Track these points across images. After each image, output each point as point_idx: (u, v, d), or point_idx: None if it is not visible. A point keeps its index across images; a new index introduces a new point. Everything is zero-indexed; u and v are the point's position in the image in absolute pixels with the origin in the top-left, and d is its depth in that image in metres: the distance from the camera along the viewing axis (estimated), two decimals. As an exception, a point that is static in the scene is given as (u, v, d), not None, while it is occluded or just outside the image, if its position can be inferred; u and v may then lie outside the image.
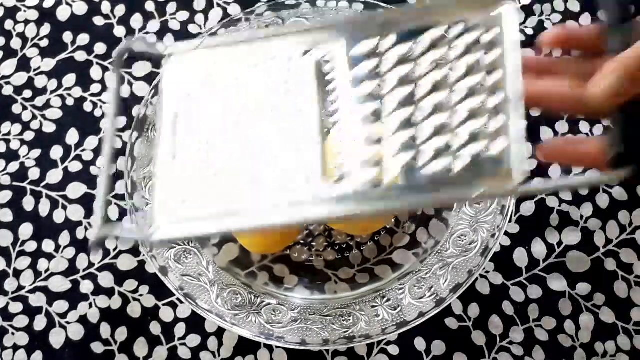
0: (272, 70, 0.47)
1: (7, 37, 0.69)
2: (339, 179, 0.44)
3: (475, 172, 0.42)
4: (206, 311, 0.56)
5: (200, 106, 0.48)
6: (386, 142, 0.44)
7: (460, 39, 0.45)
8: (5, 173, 0.65)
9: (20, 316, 0.60)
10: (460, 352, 0.59)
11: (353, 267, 0.61)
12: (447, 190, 0.42)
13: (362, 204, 0.43)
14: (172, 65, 0.50)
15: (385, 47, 0.46)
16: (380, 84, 0.45)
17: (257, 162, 0.45)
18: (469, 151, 0.42)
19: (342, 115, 0.45)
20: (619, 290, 0.60)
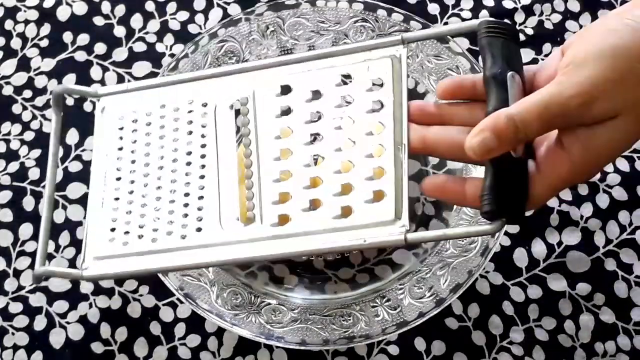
0: (193, 115, 0.51)
1: (7, 37, 0.69)
2: (249, 221, 0.47)
3: (365, 222, 0.45)
4: (206, 311, 0.56)
5: (127, 153, 0.52)
6: (292, 184, 0.47)
7: (354, 87, 0.48)
8: (5, 173, 0.65)
9: (20, 316, 0.60)
10: (460, 352, 0.59)
11: (353, 267, 0.61)
12: (342, 236, 0.45)
13: (269, 246, 0.46)
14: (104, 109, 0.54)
15: (298, 98, 0.49)
16: (291, 129, 0.48)
17: (177, 205, 0.49)
18: (361, 200, 0.45)
19: (256, 158, 0.48)
20: (619, 290, 0.60)
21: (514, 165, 0.42)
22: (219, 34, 0.63)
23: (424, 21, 0.62)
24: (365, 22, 0.63)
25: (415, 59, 0.62)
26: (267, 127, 0.49)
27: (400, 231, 0.44)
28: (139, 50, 0.68)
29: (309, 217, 0.46)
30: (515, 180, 0.42)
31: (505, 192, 0.42)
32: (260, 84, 0.50)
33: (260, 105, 0.50)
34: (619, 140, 0.41)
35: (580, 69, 0.40)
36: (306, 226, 0.46)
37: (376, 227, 0.44)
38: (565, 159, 0.41)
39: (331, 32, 0.63)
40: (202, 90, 0.52)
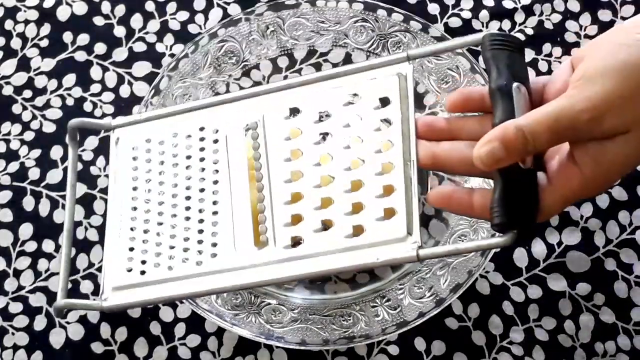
0: (205, 142, 0.52)
1: (7, 37, 0.69)
2: (262, 245, 0.48)
3: (377, 239, 0.45)
4: (206, 311, 0.56)
5: (141, 183, 0.52)
6: (303, 206, 0.47)
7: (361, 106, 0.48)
8: (5, 173, 0.65)
9: (20, 316, 0.60)
10: (460, 352, 0.59)
11: (353, 267, 0.61)
12: (354, 256, 0.45)
13: (282, 269, 0.47)
14: (118, 139, 0.55)
15: (306, 119, 0.49)
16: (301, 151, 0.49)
17: (192, 232, 0.50)
18: (372, 218, 0.45)
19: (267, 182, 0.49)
20: (619, 290, 0.60)
21: (524, 176, 0.42)
22: (219, 34, 0.63)
23: (424, 21, 0.62)
24: (365, 22, 0.63)
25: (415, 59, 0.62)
26: (277, 150, 0.50)
27: (413, 247, 0.44)
28: (139, 50, 0.68)
29: (321, 237, 0.46)
30: (525, 191, 0.42)
31: (515, 204, 0.42)
32: (269, 107, 0.51)
33: (269, 129, 0.50)
34: (629, 155, 0.41)
35: (591, 83, 0.40)
36: (318, 247, 0.46)
37: (388, 244, 0.45)
38: (576, 173, 0.42)
39: (331, 32, 0.63)
40: (213, 117, 0.52)
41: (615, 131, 0.40)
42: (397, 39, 0.63)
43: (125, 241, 0.52)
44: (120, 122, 0.56)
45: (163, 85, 0.62)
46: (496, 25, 0.68)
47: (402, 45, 0.63)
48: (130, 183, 0.53)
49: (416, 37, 0.62)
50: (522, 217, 0.42)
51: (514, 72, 0.44)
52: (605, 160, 0.41)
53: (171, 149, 0.53)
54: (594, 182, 0.42)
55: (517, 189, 0.42)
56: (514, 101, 0.42)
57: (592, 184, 0.42)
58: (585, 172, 0.41)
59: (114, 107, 0.66)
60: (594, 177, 0.42)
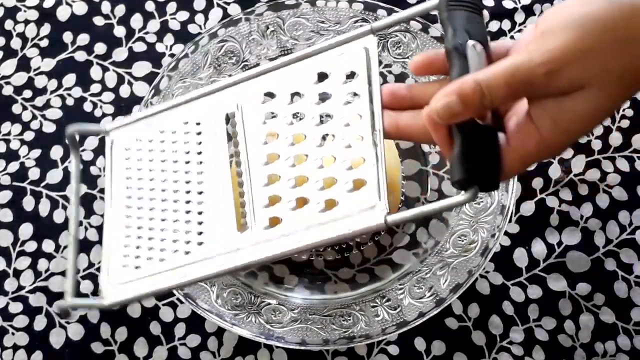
0: (189, 135, 0.53)
1: (7, 37, 0.69)
2: (244, 228, 0.49)
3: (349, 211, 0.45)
4: (206, 311, 0.56)
5: (134, 182, 0.54)
6: (280, 186, 0.49)
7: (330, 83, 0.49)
8: (5, 173, 0.65)
9: (20, 316, 0.60)
10: (460, 352, 0.59)
11: (353, 267, 0.61)
12: (328, 229, 0.46)
13: (262, 250, 0.48)
14: (113, 142, 0.57)
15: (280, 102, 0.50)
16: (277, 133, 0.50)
17: (180, 223, 0.52)
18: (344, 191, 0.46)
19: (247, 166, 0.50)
20: (619, 290, 0.60)
21: (482, 132, 0.42)
22: (219, 34, 0.63)
23: (424, 21, 0.62)
24: (365, 22, 0.63)
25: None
26: (254, 135, 0.51)
27: (381, 215, 0.44)
28: (139, 50, 0.68)
29: (298, 215, 0.48)
30: (485, 147, 0.41)
31: (476, 159, 0.41)
32: (246, 95, 0.52)
33: (247, 116, 0.52)
34: (587, 113, 0.40)
35: (550, 37, 0.40)
36: (295, 225, 0.47)
37: (359, 214, 0.45)
38: (533, 133, 0.41)
39: (331, 32, 0.63)
40: (195, 111, 0.54)
41: (572, 86, 0.39)
42: (397, 39, 0.63)
43: (120, 239, 0.53)
44: (115, 125, 0.57)
45: (163, 85, 0.62)
46: (496, 25, 0.68)
47: (402, 45, 0.63)
48: (124, 183, 0.55)
49: (416, 37, 0.62)
50: (483, 172, 0.41)
51: (470, 31, 0.43)
52: (562, 119, 0.40)
53: (159, 146, 0.55)
54: (551, 142, 0.41)
55: (476, 144, 0.41)
56: (469, 59, 0.42)
57: (550, 144, 0.41)
58: (543, 131, 0.40)
59: (114, 107, 0.66)
60: (551, 137, 0.40)
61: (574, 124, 0.40)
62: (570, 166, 0.64)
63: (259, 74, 0.52)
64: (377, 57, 0.48)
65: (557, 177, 0.63)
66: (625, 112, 0.65)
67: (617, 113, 0.65)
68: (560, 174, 0.63)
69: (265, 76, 0.52)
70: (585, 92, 0.39)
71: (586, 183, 0.63)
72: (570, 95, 0.39)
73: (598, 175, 0.63)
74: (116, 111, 0.66)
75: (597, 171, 0.63)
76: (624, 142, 0.64)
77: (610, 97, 0.39)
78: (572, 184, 0.63)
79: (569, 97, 0.39)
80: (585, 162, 0.64)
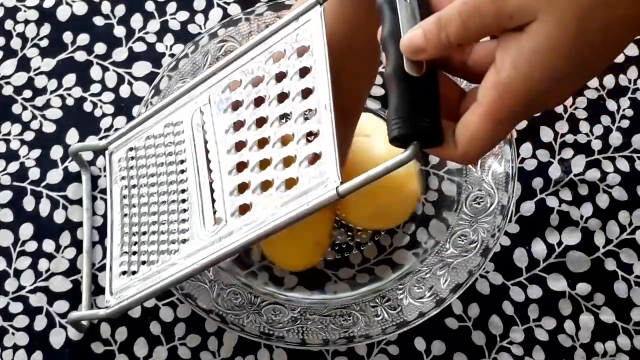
0: (170, 137, 0.55)
1: (7, 37, 0.69)
2: (219, 221, 0.50)
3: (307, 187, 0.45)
4: (206, 311, 0.56)
5: (129, 190, 0.57)
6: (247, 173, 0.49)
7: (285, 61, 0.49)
8: (5, 173, 0.65)
9: (20, 316, 0.60)
10: (460, 352, 0.59)
11: (353, 267, 0.61)
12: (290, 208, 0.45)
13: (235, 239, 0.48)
14: (111, 154, 0.59)
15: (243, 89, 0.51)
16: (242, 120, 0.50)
17: (168, 225, 0.53)
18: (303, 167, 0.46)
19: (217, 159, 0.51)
20: (619, 290, 0.60)
21: (418, 84, 0.40)
22: (219, 34, 0.63)
23: (424, 21, 0.62)
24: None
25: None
26: (220, 126, 0.51)
27: (333, 186, 0.43)
28: (139, 50, 0.68)
29: (264, 199, 0.47)
30: (421, 99, 0.39)
31: (410, 112, 0.39)
32: (214, 87, 0.53)
33: (214, 108, 0.52)
34: (545, 46, 0.37)
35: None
36: (262, 209, 0.47)
37: (315, 189, 0.45)
38: (495, 80, 0.38)
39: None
40: (174, 111, 0.55)
41: (523, 16, 0.37)
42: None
43: (118, 248, 0.56)
44: (111, 139, 0.59)
45: (163, 85, 0.62)
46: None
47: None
48: (120, 193, 0.57)
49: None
50: (421, 125, 0.39)
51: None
52: (523, 59, 0.37)
53: (148, 152, 0.56)
54: (513, 86, 0.37)
55: (409, 97, 0.39)
56: (398, 13, 0.41)
57: (512, 89, 0.38)
58: (503, 76, 0.38)
59: (114, 107, 0.66)
60: (512, 81, 0.37)
61: (533, 62, 0.37)
62: (570, 166, 0.64)
63: (227, 64, 0.52)
64: (323, 28, 0.47)
65: (557, 177, 0.63)
66: (625, 112, 0.65)
67: (617, 112, 0.65)
68: (560, 174, 0.63)
69: (231, 66, 0.52)
70: (537, 24, 0.37)
71: (586, 183, 0.63)
72: (526, 30, 0.37)
73: (598, 175, 0.63)
74: (116, 111, 0.66)
75: (597, 171, 0.63)
76: (624, 142, 0.64)
77: (559, 29, 0.37)
78: (572, 184, 0.63)
79: (525, 32, 0.37)
80: (585, 162, 0.64)
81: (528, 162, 0.64)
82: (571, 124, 0.65)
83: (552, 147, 0.64)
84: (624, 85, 0.66)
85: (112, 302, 0.54)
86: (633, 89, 0.66)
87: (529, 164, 0.64)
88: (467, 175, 0.61)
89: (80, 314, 0.57)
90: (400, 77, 0.40)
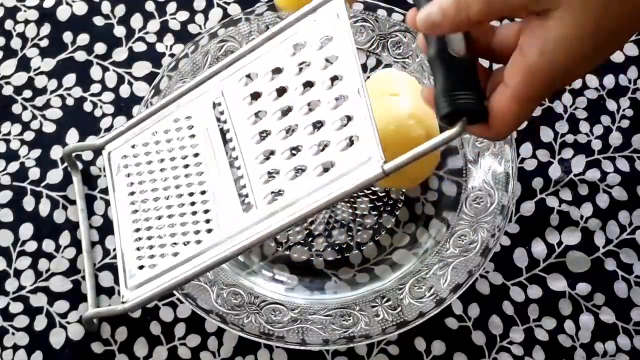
0: (182, 131, 0.55)
1: (7, 37, 0.69)
2: (248, 208, 0.50)
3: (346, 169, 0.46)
4: (206, 311, 0.56)
5: (136, 187, 0.56)
6: (276, 160, 0.50)
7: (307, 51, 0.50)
8: (5, 173, 0.65)
9: (20, 316, 0.60)
10: (460, 352, 0.59)
11: (353, 267, 0.61)
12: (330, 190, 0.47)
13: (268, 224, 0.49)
14: (110, 153, 0.59)
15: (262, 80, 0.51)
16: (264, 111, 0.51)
17: (187, 216, 0.53)
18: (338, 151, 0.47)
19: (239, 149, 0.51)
20: (619, 290, 0.60)
21: (460, 64, 0.42)
22: (219, 34, 0.63)
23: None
24: (365, 22, 0.63)
25: (415, 59, 0.63)
26: (241, 117, 0.52)
27: (378, 164, 0.45)
28: (139, 50, 0.68)
29: (297, 184, 0.48)
30: (465, 78, 0.42)
31: (458, 92, 0.41)
32: (228, 81, 0.53)
33: (232, 100, 0.53)
34: (570, 31, 0.39)
35: None
36: (297, 193, 0.48)
37: (356, 170, 0.46)
38: (522, 64, 0.40)
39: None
40: (183, 106, 0.55)
41: (547, 1, 0.38)
42: (397, 38, 0.63)
43: (132, 243, 0.55)
44: (108, 138, 0.59)
45: (163, 85, 0.62)
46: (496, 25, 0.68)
47: (402, 45, 0.63)
48: (126, 190, 0.57)
49: (416, 37, 0.62)
50: (466, 103, 0.41)
51: None
52: (549, 44, 0.39)
53: (154, 148, 0.56)
54: (539, 70, 0.40)
55: (455, 78, 0.42)
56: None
57: (538, 72, 0.40)
58: (529, 60, 0.40)
59: (114, 107, 0.66)
60: (538, 65, 0.39)
61: (558, 47, 0.39)
62: (570, 166, 0.64)
63: (238, 57, 0.53)
64: (347, 18, 0.48)
65: (557, 177, 0.63)
66: (625, 112, 0.65)
67: (617, 112, 0.65)
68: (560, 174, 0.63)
69: (245, 59, 0.53)
70: (561, 10, 0.38)
71: (586, 183, 0.63)
72: (552, 16, 0.39)
73: (598, 175, 0.63)
74: (116, 111, 0.66)
75: (597, 171, 0.63)
76: (624, 142, 0.64)
77: (583, 15, 0.38)
78: (572, 184, 0.63)
79: (551, 17, 0.39)
80: (585, 162, 0.64)
81: (528, 162, 0.64)
82: (571, 124, 0.65)
83: (552, 147, 0.64)
84: (624, 85, 0.66)
85: (130, 296, 0.53)
86: (633, 89, 0.66)
87: (529, 164, 0.64)
88: (467, 175, 0.61)
89: (96, 310, 0.57)
90: (445, 58, 0.42)
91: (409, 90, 0.58)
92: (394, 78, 0.59)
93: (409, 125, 0.56)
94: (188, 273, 0.51)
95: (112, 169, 0.58)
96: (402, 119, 0.56)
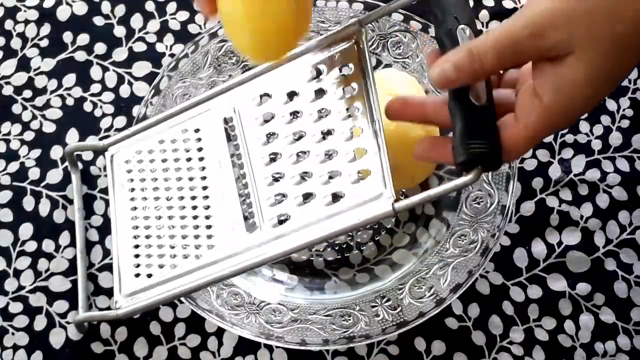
0: (189, 143, 0.55)
1: (7, 37, 0.69)
2: (252, 228, 0.50)
3: (356, 202, 0.46)
4: (206, 311, 0.56)
5: (138, 192, 0.56)
6: (285, 184, 0.50)
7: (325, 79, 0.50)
8: (5, 173, 0.65)
9: (20, 316, 0.60)
10: (460, 352, 0.59)
11: (353, 267, 0.61)
12: (336, 221, 0.47)
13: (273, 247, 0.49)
14: (112, 156, 0.59)
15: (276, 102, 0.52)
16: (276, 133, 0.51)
17: (188, 229, 0.53)
18: (349, 182, 0.47)
19: (249, 168, 0.51)
20: (619, 290, 0.60)
21: (479, 112, 0.43)
22: (219, 34, 0.63)
23: (424, 21, 0.62)
24: (365, 22, 0.63)
25: (415, 59, 0.63)
26: (253, 137, 0.52)
27: (388, 202, 0.45)
28: (139, 50, 0.68)
29: (305, 210, 0.48)
30: (482, 127, 0.43)
31: (474, 140, 0.42)
32: (242, 98, 0.53)
33: (244, 118, 0.53)
34: (585, 77, 0.40)
35: (535, 4, 0.41)
36: (304, 220, 0.48)
37: (366, 204, 0.46)
38: (537, 105, 0.41)
39: (331, 32, 0.63)
40: (193, 118, 0.55)
41: (561, 49, 0.40)
42: (397, 39, 0.63)
43: (130, 250, 0.55)
44: (112, 141, 0.59)
45: (163, 85, 0.62)
46: (496, 25, 0.68)
47: (402, 45, 0.63)
48: (127, 195, 0.57)
49: (416, 37, 0.62)
50: (483, 152, 0.42)
51: (458, 17, 0.44)
52: (563, 88, 0.41)
53: (160, 156, 0.56)
54: (555, 112, 0.41)
55: (474, 126, 0.42)
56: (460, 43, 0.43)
57: (555, 115, 0.41)
58: (546, 103, 0.41)
59: (114, 107, 0.66)
60: (555, 108, 0.41)
61: (574, 91, 0.41)
62: (570, 166, 0.64)
63: (253, 76, 0.53)
64: (367, 50, 0.49)
65: (557, 177, 0.63)
66: (625, 112, 0.65)
67: (617, 112, 0.65)
68: (560, 174, 0.63)
69: (260, 78, 0.53)
70: (576, 56, 0.40)
71: (586, 183, 0.63)
72: (565, 61, 0.40)
73: (598, 175, 0.63)
74: (116, 111, 0.66)
75: (597, 171, 0.63)
76: (624, 142, 0.64)
77: (597, 62, 0.40)
78: (572, 184, 0.63)
79: (564, 63, 0.40)
80: (585, 162, 0.64)
81: (528, 162, 0.64)
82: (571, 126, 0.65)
83: (552, 147, 0.64)
84: (624, 85, 0.66)
85: (123, 303, 0.53)
86: (633, 89, 0.66)
87: (529, 164, 0.64)
88: (467, 175, 0.60)
89: (88, 314, 0.57)
90: (464, 103, 0.43)
91: (409, 90, 0.58)
92: (394, 78, 0.59)
93: (409, 125, 0.56)
94: (184, 287, 0.51)
95: (115, 172, 0.58)
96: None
